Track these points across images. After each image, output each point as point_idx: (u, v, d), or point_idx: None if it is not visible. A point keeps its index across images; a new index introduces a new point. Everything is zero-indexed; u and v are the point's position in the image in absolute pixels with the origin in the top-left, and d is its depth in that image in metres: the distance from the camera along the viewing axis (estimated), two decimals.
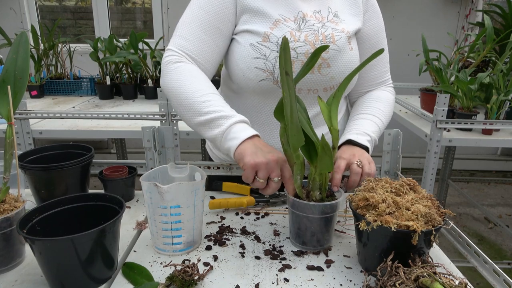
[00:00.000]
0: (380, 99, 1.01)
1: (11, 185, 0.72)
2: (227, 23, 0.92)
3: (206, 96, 0.83)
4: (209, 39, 0.91)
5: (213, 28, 0.90)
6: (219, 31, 0.91)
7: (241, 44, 0.92)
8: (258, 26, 0.91)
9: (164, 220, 0.73)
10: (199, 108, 0.82)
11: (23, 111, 1.53)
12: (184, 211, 0.73)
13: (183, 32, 0.91)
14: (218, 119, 0.81)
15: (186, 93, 0.84)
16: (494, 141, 1.58)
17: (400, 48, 3.22)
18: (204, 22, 0.90)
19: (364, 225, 0.65)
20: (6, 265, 0.70)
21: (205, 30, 0.90)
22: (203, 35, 0.90)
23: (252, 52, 0.90)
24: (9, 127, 0.72)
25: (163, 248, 0.77)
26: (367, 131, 0.92)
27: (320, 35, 0.91)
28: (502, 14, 1.99)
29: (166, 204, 0.72)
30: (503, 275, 0.65)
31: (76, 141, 1.09)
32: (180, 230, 0.75)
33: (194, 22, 0.90)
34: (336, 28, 0.93)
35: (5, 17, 3.18)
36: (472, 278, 0.87)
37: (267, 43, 0.90)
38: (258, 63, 0.90)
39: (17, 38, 0.76)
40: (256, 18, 0.91)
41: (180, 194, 0.72)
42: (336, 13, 0.96)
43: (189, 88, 0.85)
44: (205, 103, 0.82)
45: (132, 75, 2.22)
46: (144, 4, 3.52)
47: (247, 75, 0.92)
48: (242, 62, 0.91)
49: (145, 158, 1.05)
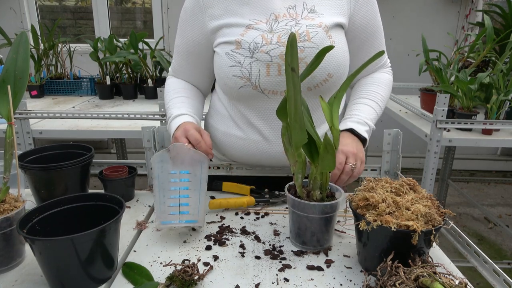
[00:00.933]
0: (380, 82, 1.02)
1: (11, 185, 0.72)
2: (198, 47, 0.99)
3: (169, 104, 1.02)
4: (189, 66, 1.04)
5: (190, 54, 1.01)
6: (196, 55, 1.01)
7: (219, 54, 0.95)
8: (230, 36, 0.93)
9: (173, 187, 0.76)
10: (167, 113, 1.01)
11: (23, 111, 1.53)
12: (192, 179, 0.76)
13: (173, 59, 1.07)
14: (168, 120, 0.98)
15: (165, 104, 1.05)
16: (494, 141, 1.58)
17: (400, 48, 3.22)
18: (183, 50, 1.02)
19: (364, 225, 0.65)
20: (6, 265, 0.70)
21: (184, 57, 1.03)
22: (184, 62, 1.04)
23: (228, 60, 0.92)
24: (9, 127, 0.72)
25: (170, 219, 0.78)
26: (366, 120, 0.94)
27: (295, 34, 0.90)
28: (502, 14, 1.99)
29: (176, 168, 0.75)
30: (503, 275, 0.65)
31: (76, 141, 1.09)
32: (187, 197, 0.76)
33: (177, 50, 1.04)
34: (311, 24, 0.90)
35: (5, 17, 3.18)
36: (472, 278, 0.87)
37: (240, 49, 0.91)
38: (234, 71, 0.91)
39: (17, 38, 0.76)
40: (229, 29, 0.94)
41: (189, 160, 0.76)
42: (312, 8, 0.93)
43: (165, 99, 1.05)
44: (167, 111, 1.01)
45: (132, 75, 2.22)
46: (144, 4, 3.52)
47: (227, 84, 0.94)
48: (221, 72, 0.94)
49: (145, 158, 1.05)
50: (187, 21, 0.98)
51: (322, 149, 0.71)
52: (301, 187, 0.77)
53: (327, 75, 0.91)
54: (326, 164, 0.72)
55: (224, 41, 0.93)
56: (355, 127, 0.91)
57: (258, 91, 0.91)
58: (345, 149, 0.87)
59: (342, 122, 0.95)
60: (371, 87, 1.00)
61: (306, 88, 0.92)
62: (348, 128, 0.92)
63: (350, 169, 0.85)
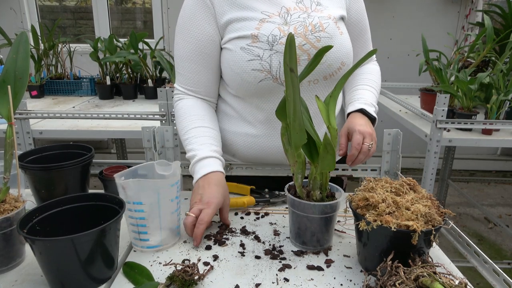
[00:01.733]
0: (372, 72, 1.08)
1: (11, 185, 0.72)
2: (211, 44, 0.95)
3: (187, 134, 0.95)
4: (200, 67, 0.96)
5: (200, 55, 0.95)
6: (207, 55, 0.95)
7: (231, 50, 0.92)
8: (244, 31, 0.91)
9: (129, 215, 0.75)
10: (184, 146, 0.95)
11: (23, 111, 1.53)
12: (147, 209, 0.73)
13: (178, 68, 0.99)
14: (190, 158, 0.93)
15: (179, 133, 0.98)
16: (494, 141, 1.58)
17: (400, 48, 3.22)
18: (190, 53, 0.95)
19: (364, 225, 0.65)
20: (6, 265, 0.70)
21: (194, 61, 0.96)
22: (194, 66, 0.96)
23: (245, 55, 0.90)
24: (9, 127, 0.72)
25: (135, 242, 0.78)
26: (373, 102, 0.99)
27: (309, 25, 0.91)
28: (502, 14, 2.00)
29: (130, 199, 0.72)
30: (503, 275, 0.65)
31: (76, 141, 1.09)
32: (145, 227, 0.75)
33: (183, 56, 0.96)
34: (322, 16, 0.93)
35: (5, 17, 3.18)
36: (472, 278, 0.87)
37: (258, 43, 0.90)
38: (253, 65, 0.90)
39: (17, 38, 0.76)
40: (240, 24, 0.92)
41: (141, 191, 0.72)
42: (318, 1, 0.96)
43: (180, 127, 0.98)
44: (185, 142, 0.95)
45: (132, 75, 2.22)
46: (144, 4, 3.52)
47: (245, 79, 0.92)
48: (237, 67, 0.92)
49: (145, 158, 1.05)
50: (192, 20, 0.94)
51: (322, 149, 0.71)
52: (301, 187, 0.77)
53: (340, 64, 0.94)
54: (326, 164, 0.73)
55: (237, 36, 0.91)
56: (366, 107, 0.95)
57: (278, 83, 0.92)
58: (361, 129, 0.89)
59: (350, 104, 0.99)
60: (365, 76, 1.06)
61: (323, 77, 0.94)
62: (359, 108, 0.95)
63: (367, 148, 0.87)
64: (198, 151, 0.90)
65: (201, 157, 0.90)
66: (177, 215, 0.80)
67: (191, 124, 0.95)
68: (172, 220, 0.79)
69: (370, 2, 3.23)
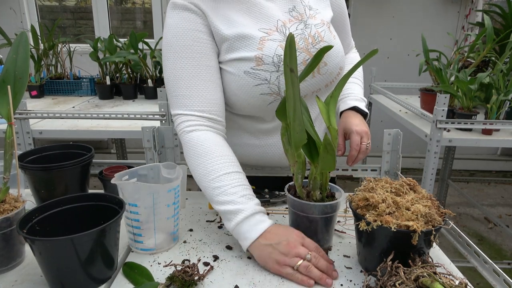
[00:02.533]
0: (354, 62, 1.08)
1: (11, 185, 0.72)
2: (213, 57, 0.87)
3: (217, 181, 0.77)
4: (207, 83, 0.85)
5: (205, 69, 0.85)
6: (211, 68, 0.86)
7: (234, 74, 0.86)
8: (245, 51, 0.85)
9: (126, 216, 0.75)
10: (212, 195, 0.78)
11: (23, 111, 1.53)
12: (142, 212, 0.73)
13: (180, 91, 0.84)
14: (228, 213, 0.75)
15: (199, 174, 0.80)
16: (494, 141, 1.58)
17: (400, 48, 3.22)
18: (194, 70, 0.84)
19: (364, 225, 0.65)
20: (6, 265, 0.70)
21: (200, 77, 0.84)
22: (200, 83, 0.84)
23: (251, 80, 0.85)
24: (9, 127, 0.72)
25: (131, 243, 0.78)
26: (361, 95, 1.02)
27: (309, 37, 0.89)
28: (502, 14, 2.00)
29: (126, 200, 0.72)
30: (503, 275, 0.65)
31: (76, 141, 1.09)
32: (139, 229, 0.75)
33: (185, 75, 0.84)
34: (317, 24, 0.91)
35: (5, 17, 3.18)
36: (472, 278, 0.87)
37: (263, 66, 0.84)
38: (262, 89, 0.85)
39: (17, 38, 0.76)
40: (238, 43, 0.85)
41: (137, 194, 0.73)
42: (309, 5, 0.93)
43: (201, 169, 0.79)
44: (216, 190, 0.77)
45: (132, 75, 2.22)
46: (144, 4, 3.52)
47: (252, 103, 0.87)
48: (242, 93, 0.86)
49: (145, 158, 1.05)
50: (187, 33, 0.84)
51: (322, 149, 0.71)
52: (301, 187, 0.77)
53: (339, 69, 0.94)
54: (326, 164, 0.72)
55: (238, 58, 0.85)
56: (358, 104, 0.97)
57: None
58: (358, 129, 0.90)
59: (341, 102, 1.01)
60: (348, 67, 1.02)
61: (324, 85, 0.93)
62: (352, 106, 0.97)
63: (366, 148, 0.89)
64: (243, 205, 0.75)
65: (251, 213, 0.75)
66: (174, 220, 0.79)
67: (220, 169, 0.78)
68: (168, 226, 0.78)
69: (370, 2, 3.24)
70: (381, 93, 2.25)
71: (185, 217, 0.92)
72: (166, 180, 0.82)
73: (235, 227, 0.74)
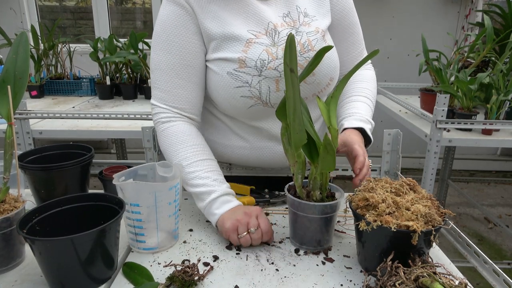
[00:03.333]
0: (366, 79, 1.02)
1: (11, 185, 0.72)
2: (197, 56, 0.87)
3: (191, 167, 0.85)
4: (185, 82, 0.87)
5: (185, 68, 0.86)
6: (192, 68, 0.87)
7: (217, 73, 0.87)
8: (230, 52, 0.85)
9: (127, 216, 0.75)
10: (186, 178, 0.85)
11: (23, 111, 1.53)
12: (144, 211, 0.73)
13: (158, 83, 0.88)
14: (202, 194, 0.83)
15: (175, 161, 0.86)
16: (494, 141, 1.58)
17: (400, 48, 3.22)
18: (174, 66, 0.86)
19: (364, 225, 0.65)
20: (6, 265, 0.70)
21: (178, 75, 0.86)
22: (178, 80, 0.87)
23: (232, 81, 0.85)
24: (9, 127, 0.72)
25: (132, 243, 0.78)
26: (369, 117, 0.93)
27: (297, 45, 0.86)
28: (502, 14, 2.00)
29: (127, 201, 0.72)
30: (503, 275, 0.65)
31: (76, 141, 1.09)
32: (142, 228, 0.75)
33: (165, 70, 0.86)
34: (310, 31, 0.89)
35: (5, 17, 3.18)
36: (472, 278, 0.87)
37: (245, 68, 0.84)
38: (242, 91, 0.86)
39: (17, 38, 0.76)
40: (225, 43, 0.85)
41: (138, 193, 0.72)
42: (305, 12, 0.91)
43: (176, 156, 0.86)
44: (190, 174, 0.84)
45: (132, 75, 2.22)
46: (144, 4, 3.52)
47: (233, 104, 0.88)
48: (224, 92, 0.87)
49: (145, 158, 1.05)
50: (175, 29, 0.86)
51: (322, 149, 0.71)
52: (301, 187, 0.77)
53: (329, 80, 0.92)
54: (326, 164, 0.72)
55: (223, 58, 0.86)
56: (364, 126, 0.89)
57: (268, 107, 0.88)
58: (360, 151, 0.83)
59: (347, 119, 0.92)
60: (360, 84, 0.99)
61: (312, 94, 0.92)
62: (356, 127, 0.89)
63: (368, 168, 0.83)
64: (215, 187, 0.83)
65: (222, 193, 0.83)
66: (175, 218, 0.79)
67: (194, 156, 0.85)
68: (170, 223, 0.78)
69: (370, 2, 3.24)
70: (381, 93, 2.25)
71: (185, 217, 0.92)
72: (162, 179, 0.82)
73: (207, 205, 0.83)
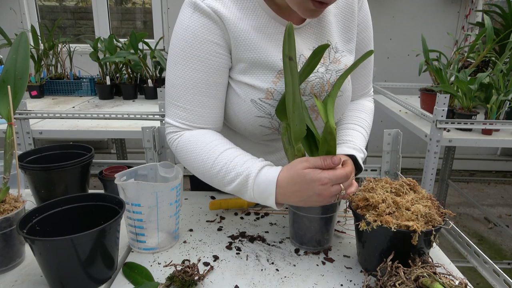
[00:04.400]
0: (365, 110, 0.98)
1: (11, 185, 0.72)
2: (224, 72, 0.81)
3: (216, 165, 0.75)
4: (211, 100, 0.80)
5: (211, 86, 0.79)
6: (218, 85, 0.80)
7: (240, 97, 0.81)
8: (260, 81, 0.80)
9: (128, 216, 0.75)
10: (219, 182, 0.75)
11: (23, 111, 1.53)
12: (145, 211, 0.73)
13: (180, 102, 0.79)
14: (240, 187, 0.73)
15: (199, 169, 0.77)
16: (494, 141, 1.58)
17: (400, 48, 3.22)
18: (199, 84, 0.78)
19: (364, 225, 0.65)
20: (6, 265, 0.70)
21: (204, 93, 0.79)
22: (204, 99, 0.79)
23: (255, 110, 0.81)
24: (9, 127, 0.72)
25: (132, 243, 0.78)
26: (362, 147, 0.89)
27: (326, 84, 0.84)
28: (502, 14, 1.99)
29: (128, 200, 0.72)
30: (503, 275, 0.65)
31: (76, 141, 1.09)
32: (142, 228, 0.75)
33: (188, 87, 0.78)
34: (339, 70, 0.86)
35: (5, 17, 3.18)
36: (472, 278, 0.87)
37: (271, 100, 0.80)
38: (262, 121, 0.82)
39: (17, 38, 0.76)
40: (255, 69, 0.80)
41: (140, 193, 0.72)
42: (336, 46, 0.87)
43: (197, 163, 0.77)
44: (219, 174, 0.74)
45: (132, 75, 2.22)
46: (144, 4, 3.52)
47: (249, 130, 0.85)
48: (243, 118, 0.83)
49: (145, 158, 1.05)
50: (200, 43, 0.76)
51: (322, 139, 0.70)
52: None
53: (341, 115, 0.93)
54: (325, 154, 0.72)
55: (251, 84, 0.80)
56: (356, 154, 0.84)
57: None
58: None
59: (340, 146, 0.88)
60: (359, 114, 0.97)
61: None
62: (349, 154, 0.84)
63: None
64: (249, 169, 0.72)
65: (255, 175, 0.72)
66: (176, 218, 0.79)
67: (216, 151, 0.76)
68: (170, 224, 0.78)
69: (370, 2, 3.23)
70: (381, 93, 2.25)
71: (185, 217, 0.92)
72: (163, 179, 0.82)
73: (253, 194, 0.72)
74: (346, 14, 0.88)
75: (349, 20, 0.88)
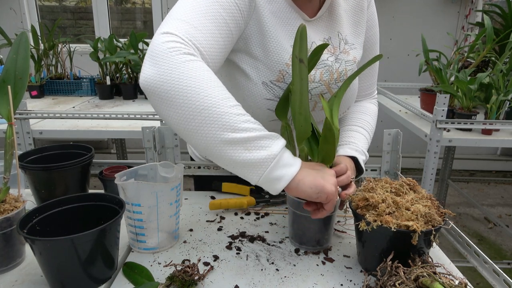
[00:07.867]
0: (369, 112, 1.00)
1: (11, 185, 0.72)
2: (238, 28, 0.76)
3: (240, 109, 0.64)
4: (220, 38, 0.72)
5: (226, 27, 0.73)
6: (231, 34, 0.74)
7: (251, 80, 0.81)
8: (274, 60, 0.80)
9: (128, 216, 0.75)
10: (233, 121, 0.62)
11: (23, 111, 1.53)
12: (145, 211, 0.74)
13: (192, 20, 0.68)
14: (262, 139, 0.63)
15: (212, 99, 0.62)
16: (494, 141, 1.58)
17: (400, 48, 3.22)
18: (218, 17, 0.71)
19: (364, 225, 0.65)
20: (6, 265, 0.70)
21: (218, 27, 0.71)
22: (215, 31, 0.71)
23: (265, 92, 0.81)
24: (9, 127, 0.72)
25: (132, 243, 0.78)
26: (364, 149, 0.90)
27: (335, 73, 0.85)
28: (502, 14, 1.99)
29: (128, 200, 0.72)
30: (503, 275, 0.65)
31: (76, 141, 1.09)
32: (143, 228, 0.75)
33: (206, 12, 0.70)
34: (348, 60, 0.88)
35: (5, 17, 3.18)
36: (472, 278, 0.88)
37: (282, 83, 0.81)
38: (271, 105, 0.82)
39: (17, 38, 0.76)
40: (273, 45, 0.79)
41: (140, 193, 0.73)
42: (346, 38, 0.89)
43: (215, 93, 0.63)
44: (240, 117, 0.63)
45: (132, 75, 2.22)
46: (144, 4, 3.52)
47: (256, 113, 0.81)
48: (251, 100, 0.82)
49: (145, 158, 1.05)
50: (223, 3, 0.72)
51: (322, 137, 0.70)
52: None
53: (347, 109, 0.94)
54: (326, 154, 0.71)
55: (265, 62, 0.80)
56: (358, 156, 0.86)
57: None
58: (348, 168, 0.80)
59: (342, 147, 0.89)
60: (362, 116, 0.98)
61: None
62: (349, 155, 0.86)
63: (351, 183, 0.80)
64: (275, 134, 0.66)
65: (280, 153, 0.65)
66: (176, 218, 0.79)
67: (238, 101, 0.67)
68: (170, 224, 0.78)
69: None
70: (381, 93, 2.25)
71: (185, 217, 0.92)
72: (164, 179, 0.82)
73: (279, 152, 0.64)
74: (356, 10, 0.92)
75: (358, 16, 0.93)
